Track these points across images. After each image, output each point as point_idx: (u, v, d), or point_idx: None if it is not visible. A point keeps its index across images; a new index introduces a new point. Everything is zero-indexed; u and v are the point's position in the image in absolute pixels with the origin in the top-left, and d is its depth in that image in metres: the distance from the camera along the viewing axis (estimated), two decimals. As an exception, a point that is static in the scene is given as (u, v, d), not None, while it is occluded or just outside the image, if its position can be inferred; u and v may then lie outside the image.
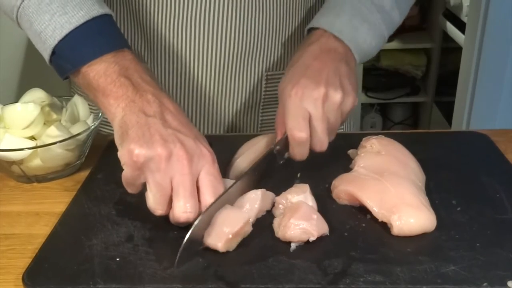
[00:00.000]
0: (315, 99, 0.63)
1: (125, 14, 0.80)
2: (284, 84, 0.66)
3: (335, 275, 0.51)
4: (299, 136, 0.63)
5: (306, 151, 0.65)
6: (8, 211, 0.67)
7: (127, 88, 0.59)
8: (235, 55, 0.80)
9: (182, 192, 0.55)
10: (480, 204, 0.61)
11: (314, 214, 0.57)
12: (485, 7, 1.47)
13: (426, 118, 2.50)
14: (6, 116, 0.73)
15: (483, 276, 0.50)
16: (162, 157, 0.55)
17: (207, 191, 0.57)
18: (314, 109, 0.63)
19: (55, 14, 0.61)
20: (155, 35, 0.79)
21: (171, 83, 0.82)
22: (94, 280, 0.52)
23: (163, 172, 0.55)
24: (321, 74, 0.65)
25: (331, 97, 0.64)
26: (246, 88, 0.84)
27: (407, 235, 0.56)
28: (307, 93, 0.63)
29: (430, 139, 0.80)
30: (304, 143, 0.64)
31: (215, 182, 0.57)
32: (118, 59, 0.61)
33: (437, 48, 2.33)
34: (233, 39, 0.78)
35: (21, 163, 0.70)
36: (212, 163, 0.58)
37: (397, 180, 0.61)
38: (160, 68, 0.82)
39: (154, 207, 0.57)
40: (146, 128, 0.56)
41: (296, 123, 0.63)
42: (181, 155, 0.55)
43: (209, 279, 0.51)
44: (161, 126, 0.57)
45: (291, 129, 0.63)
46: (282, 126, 0.66)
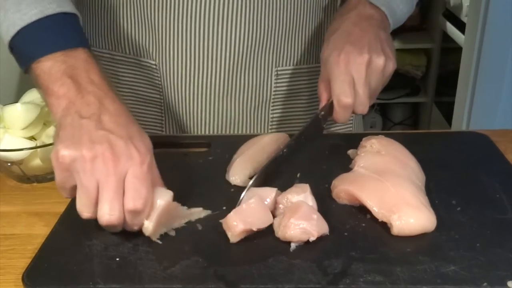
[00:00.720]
0: (359, 64, 0.67)
1: (133, 11, 0.80)
2: (329, 51, 0.69)
3: (335, 275, 0.51)
4: (346, 101, 0.67)
5: (349, 114, 0.69)
6: (8, 211, 0.67)
7: (69, 89, 0.58)
8: (244, 50, 0.79)
9: (106, 194, 0.54)
10: (480, 204, 0.61)
11: (314, 214, 0.57)
12: (485, 7, 1.47)
13: (426, 118, 2.50)
14: (6, 116, 0.73)
15: (483, 276, 0.50)
16: (86, 158, 0.54)
17: (129, 194, 0.55)
18: (358, 74, 0.67)
19: (9, 10, 0.62)
20: (163, 31, 0.79)
21: (179, 80, 0.82)
22: (94, 280, 0.52)
23: (88, 173, 0.54)
24: (363, 40, 0.68)
25: (375, 62, 0.68)
26: (256, 84, 0.83)
27: (407, 235, 0.56)
28: (352, 59, 0.67)
29: (430, 139, 0.80)
30: (350, 107, 0.67)
31: (138, 185, 0.55)
32: (67, 58, 0.60)
33: (437, 48, 2.33)
34: (242, 34, 0.78)
35: (21, 163, 0.70)
36: (139, 164, 0.55)
37: (397, 180, 0.61)
38: (168, 65, 0.81)
39: (80, 209, 0.56)
40: (77, 129, 0.56)
41: (343, 89, 0.66)
42: (106, 157, 0.54)
43: (209, 279, 0.51)
44: (93, 128, 0.56)
45: (339, 94, 0.67)
46: (326, 92, 0.69)
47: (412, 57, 2.41)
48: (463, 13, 1.86)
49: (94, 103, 0.58)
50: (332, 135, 0.85)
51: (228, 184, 0.67)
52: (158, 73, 0.83)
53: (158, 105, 0.86)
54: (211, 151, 0.75)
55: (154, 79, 0.84)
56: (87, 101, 0.58)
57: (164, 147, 0.71)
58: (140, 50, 0.83)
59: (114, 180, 0.54)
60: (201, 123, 0.85)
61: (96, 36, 0.86)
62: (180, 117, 0.85)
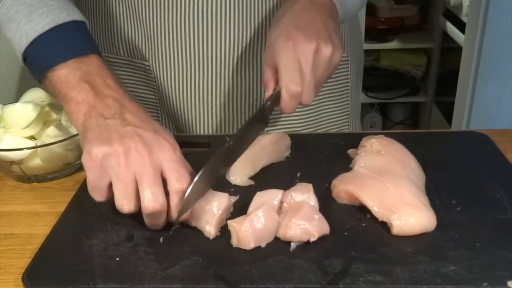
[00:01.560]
0: (307, 51, 0.64)
1: (126, 12, 0.80)
2: (276, 35, 0.66)
3: (335, 275, 0.51)
4: (295, 89, 0.63)
5: (297, 104, 0.65)
6: (8, 211, 0.67)
7: (88, 94, 0.59)
8: (237, 50, 0.79)
9: (146, 182, 0.55)
10: (480, 204, 0.61)
11: (316, 215, 0.56)
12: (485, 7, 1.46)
13: (426, 118, 2.50)
14: (6, 116, 0.73)
15: (483, 276, 0.50)
16: (120, 153, 0.55)
17: (172, 177, 0.56)
18: (306, 61, 0.64)
19: (21, 22, 0.62)
20: (156, 32, 0.79)
21: (173, 81, 0.82)
22: (94, 280, 0.52)
23: (124, 167, 0.55)
24: (312, 27, 0.65)
25: (322, 50, 0.64)
26: (251, 83, 0.83)
27: (407, 234, 0.56)
28: (300, 46, 0.64)
29: (430, 139, 0.80)
30: (298, 96, 0.64)
31: (178, 167, 0.57)
32: (81, 65, 0.61)
33: (437, 48, 2.33)
34: (235, 33, 0.78)
35: (21, 163, 0.70)
36: (173, 151, 0.57)
37: (397, 180, 0.61)
38: (162, 66, 0.82)
39: (120, 203, 0.56)
40: (105, 129, 0.57)
41: (292, 76, 0.63)
42: (140, 148, 0.55)
43: (209, 279, 0.51)
44: (120, 125, 0.57)
45: (288, 82, 0.63)
46: (272, 79, 0.66)
47: (412, 57, 2.41)
48: (463, 13, 1.86)
49: (114, 105, 0.59)
50: (332, 135, 0.85)
51: (228, 184, 0.67)
52: (152, 74, 0.83)
53: (154, 106, 0.86)
54: (211, 151, 0.75)
55: (148, 80, 0.84)
56: (107, 104, 0.59)
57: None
58: (134, 51, 0.83)
59: (151, 169, 0.55)
60: (197, 123, 0.85)
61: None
62: (177, 118, 0.85)
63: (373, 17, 2.32)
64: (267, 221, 0.56)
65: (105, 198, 0.58)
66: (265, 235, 0.56)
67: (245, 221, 0.55)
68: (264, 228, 0.55)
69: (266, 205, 0.57)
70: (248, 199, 0.60)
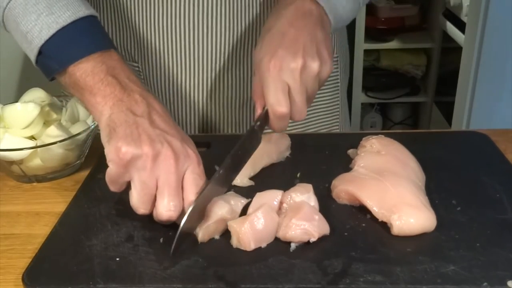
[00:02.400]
0: (293, 70, 0.62)
1: (113, 14, 0.80)
2: (261, 55, 0.64)
3: (335, 275, 0.51)
4: (281, 111, 0.63)
5: (286, 123, 0.65)
6: (8, 211, 0.67)
7: (115, 87, 0.59)
8: (225, 50, 0.79)
9: (167, 191, 0.56)
10: (480, 204, 0.61)
11: (316, 215, 0.57)
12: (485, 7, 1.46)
13: (426, 118, 2.50)
14: (6, 116, 0.73)
15: (483, 276, 0.50)
16: (149, 156, 0.55)
17: (191, 189, 0.57)
18: (293, 81, 0.62)
19: (42, 14, 0.62)
20: (143, 33, 0.79)
21: (163, 82, 0.82)
22: (94, 280, 0.52)
23: (149, 171, 0.56)
24: (298, 43, 0.64)
25: (309, 67, 0.63)
26: (239, 83, 0.83)
27: (407, 235, 0.56)
28: (285, 65, 0.62)
29: (430, 139, 0.80)
30: (285, 116, 0.63)
31: (199, 181, 0.58)
32: (105, 59, 0.61)
33: (437, 48, 2.33)
34: (222, 34, 0.78)
35: (21, 163, 0.70)
36: (197, 164, 0.58)
37: (397, 180, 0.61)
38: (150, 67, 0.82)
39: (137, 205, 0.57)
40: (134, 127, 0.57)
41: (277, 98, 0.62)
42: (168, 155, 0.56)
43: (209, 279, 0.51)
44: (149, 126, 0.57)
45: (272, 104, 0.62)
46: (261, 99, 0.65)
47: (412, 57, 2.41)
48: (463, 13, 1.86)
49: (142, 101, 0.59)
50: (332, 135, 0.85)
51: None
52: (142, 75, 0.83)
53: None
54: (211, 151, 0.75)
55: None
56: (135, 99, 0.59)
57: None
58: (122, 52, 0.83)
59: (175, 178, 0.56)
60: (187, 124, 0.85)
61: None
62: None
63: (373, 17, 2.32)
64: (267, 222, 0.56)
65: (120, 190, 0.59)
66: (265, 236, 0.56)
67: (245, 222, 0.55)
68: (264, 229, 0.55)
69: (266, 205, 0.57)
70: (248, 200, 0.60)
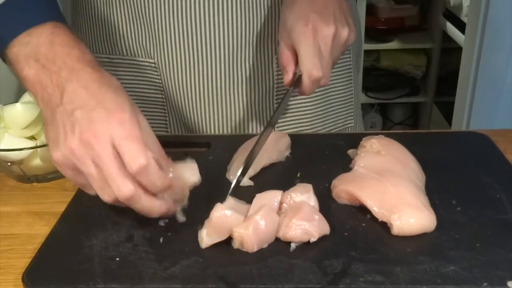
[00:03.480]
0: (326, 36, 0.66)
1: (128, 10, 0.80)
2: (294, 19, 0.67)
3: (335, 275, 0.51)
4: (317, 75, 0.65)
5: (316, 87, 0.68)
6: (8, 211, 0.67)
7: (37, 72, 0.54)
8: (242, 40, 0.79)
9: (106, 171, 0.51)
10: (480, 204, 0.61)
11: (316, 215, 0.56)
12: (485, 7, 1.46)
13: (426, 118, 2.50)
14: (6, 116, 0.73)
15: (483, 276, 0.50)
16: (73, 149, 0.52)
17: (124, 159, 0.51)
18: (325, 46, 0.66)
19: None
20: (158, 27, 0.78)
21: (179, 76, 0.81)
22: (94, 280, 0.52)
23: (82, 161, 0.52)
24: (328, 9, 0.67)
25: (339, 34, 0.66)
26: (258, 74, 0.82)
27: (407, 235, 0.56)
28: (319, 30, 0.65)
29: (430, 139, 0.80)
30: (319, 80, 0.66)
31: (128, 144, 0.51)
32: (31, 38, 0.55)
33: (437, 48, 2.33)
34: (239, 24, 0.77)
35: (21, 163, 0.70)
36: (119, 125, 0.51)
37: (397, 180, 0.61)
38: (167, 62, 0.81)
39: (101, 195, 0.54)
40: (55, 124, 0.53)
41: (313, 62, 0.65)
42: (85, 136, 0.51)
43: (209, 279, 0.51)
44: (65, 114, 0.52)
45: (309, 68, 0.65)
46: (290, 64, 0.68)
47: (412, 57, 2.41)
48: (463, 13, 1.86)
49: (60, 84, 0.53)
50: (332, 135, 0.85)
51: (228, 183, 0.67)
52: (157, 72, 0.82)
53: (160, 104, 0.85)
54: (211, 151, 0.75)
55: (154, 78, 0.83)
56: (56, 83, 0.53)
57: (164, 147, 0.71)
58: (137, 49, 0.82)
59: (105, 154, 0.51)
60: (206, 118, 0.84)
61: (93, 41, 0.85)
62: (184, 115, 0.84)
63: (373, 17, 2.32)
64: (268, 223, 0.56)
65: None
66: (267, 237, 0.56)
67: (248, 227, 0.55)
68: (266, 231, 0.55)
69: (266, 207, 0.57)
70: (248, 200, 0.60)
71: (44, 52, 0.55)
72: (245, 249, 0.55)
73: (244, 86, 0.82)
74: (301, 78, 0.66)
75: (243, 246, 0.55)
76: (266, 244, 0.56)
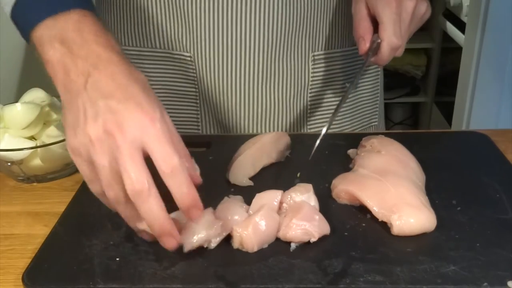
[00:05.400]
0: (408, 7, 0.69)
1: (164, 3, 0.79)
2: None
3: (335, 275, 0.51)
4: (397, 43, 0.68)
5: (393, 56, 0.70)
6: (8, 211, 0.67)
7: (62, 55, 0.53)
8: (280, 37, 0.78)
9: (121, 165, 0.48)
10: (480, 204, 0.61)
11: (316, 215, 0.57)
12: (485, 7, 1.46)
13: (426, 118, 2.50)
14: (6, 116, 0.73)
15: (483, 276, 0.50)
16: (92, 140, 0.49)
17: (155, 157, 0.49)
18: (406, 17, 0.69)
19: None
20: (196, 21, 0.78)
21: (215, 71, 0.80)
22: (94, 280, 0.52)
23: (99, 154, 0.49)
24: None
25: (419, 7, 0.70)
26: (293, 71, 0.82)
27: (407, 235, 0.56)
28: (403, 1, 0.68)
29: (430, 139, 0.80)
30: (397, 49, 0.69)
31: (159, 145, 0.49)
32: (56, 22, 0.55)
33: (437, 48, 2.33)
34: (276, 20, 0.77)
35: (21, 163, 0.70)
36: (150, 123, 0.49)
37: (397, 180, 0.61)
38: (203, 56, 0.80)
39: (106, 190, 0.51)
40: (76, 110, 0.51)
41: (395, 30, 0.68)
42: (109, 128, 0.49)
43: (209, 279, 0.51)
44: (89, 102, 0.50)
45: (391, 36, 0.68)
46: (368, 34, 0.70)
47: (412, 57, 2.41)
48: (463, 13, 1.86)
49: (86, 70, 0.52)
50: (332, 135, 0.85)
51: (228, 183, 0.67)
52: (193, 65, 0.81)
53: (193, 98, 0.85)
54: (211, 151, 0.75)
55: (188, 72, 0.82)
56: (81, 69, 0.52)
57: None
58: (172, 43, 0.81)
59: (127, 147, 0.49)
60: (238, 114, 0.83)
61: (122, 33, 0.85)
62: (216, 109, 0.84)
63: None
64: (269, 223, 0.56)
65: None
66: (267, 237, 0.56)
67: (248, 227, 0.55)
68: (267, 231, 0.55)
69: (266, 207, 0.57)
70: (247, 200, 0.60)
71: (71, 36, 0.54)
72: (245, 249, 0.55)
73: (279, 83, 0.82)
74: (378, 46, 0.69)
75: (243, 247, 0.55)
76: (266, 244, 0.56)
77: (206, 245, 0.55)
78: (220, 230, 0.55)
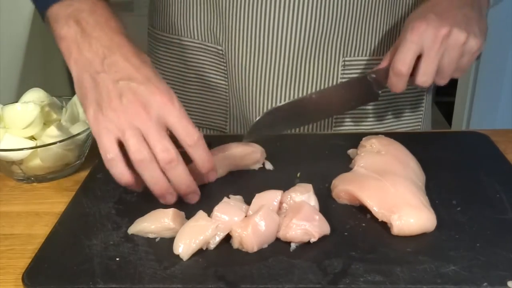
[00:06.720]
0: (435, 35, 0.66)
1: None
2: (411, 18, 0.70)
3: (335, 275, 0.51)
4: (399, 69, 0.68)
5: (402, 85, 0.69)
6: (8, 211, 0.67)
7: (76, 33, 0.59)
8: (310, 38, 0.78)
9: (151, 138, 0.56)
10: (480, 204, 0.61)
11: (316, 215, 0.56)
12: (485, 7, 1.46)
13: (426, 118, 2.50)
14: (6, 116, 0.73)
15: (483, 276, 0.50)
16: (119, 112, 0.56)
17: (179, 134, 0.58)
18: (431, 45, 0.66)
19: None
20: (230, 16, 0.78)
21: (244, 67, 0.81)
22: (94, 280, 0.52)
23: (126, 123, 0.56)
24: (449, 13, 0.68)
25: (453, 36, 0.66)
26: (321, 74, 0.81)
27: (407, 235, 0.56)
28: (430, 29, 0.66)
29: (430, 139, 0.80)
30: (402, 76, 0.68)
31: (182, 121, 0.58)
32: (73, 2, 0.61)
33: (437, 48, 2.33)
34: (309, 21, 0.77)
35: (21, 163, 0.70)
36: (170, 104, 0.57)
37: (397, 180, 0.61)
38: (234, 51, 0.80)
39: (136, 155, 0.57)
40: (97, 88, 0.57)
41: (403, 56, 0.67)
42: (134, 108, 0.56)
43: (209, 279, 0.51)
44: (110, 82, 0.57)
45: (396, 60, 0.68)
46: (389, 58, 0.70)
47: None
48: (463, 13, 1.86)
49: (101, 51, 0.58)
50: (332, 135, 0.85)
51: (228, 183, 0.67)
52: (224, 59, 0.82)
53: (223, 90, 0.86)
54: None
55: (220, 64, 0.84)
56: (95, 49, 0.58)
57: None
58: (208, 35, 0.83)
59: (152, 123, 0.56)
60: (264, 111, 0.82)
61: (166, 21, 0.86)
62: (244, 105, 0.84)
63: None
64: (268, 223, 0.56)
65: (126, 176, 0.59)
66: (267, 238, 0.56)
67: (248, 227, 0.55)
68: (267, 231, 0.55)
69: (266, 207, 0.57)
70: (247, 200, 0.61)
71: (86, 17, 0.59)
72: (245, 249, 0.55)
73: (306, 84, 0.82)
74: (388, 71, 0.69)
75: (243, 247, 0.55)
76: (266, 244, 0.56)
77: (205, 248, 0.55)
78: (216, 231, 0.55)
